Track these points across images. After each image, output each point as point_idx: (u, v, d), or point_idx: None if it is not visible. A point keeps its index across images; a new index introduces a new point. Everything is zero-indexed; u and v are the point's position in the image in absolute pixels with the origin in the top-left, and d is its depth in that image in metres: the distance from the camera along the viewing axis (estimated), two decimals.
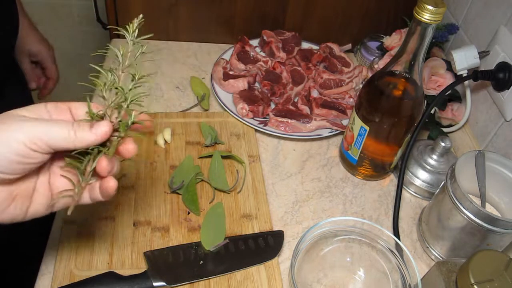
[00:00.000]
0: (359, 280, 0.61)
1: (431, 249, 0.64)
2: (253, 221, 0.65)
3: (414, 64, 0.61)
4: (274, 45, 0.91)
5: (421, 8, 0.55)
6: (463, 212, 0.57)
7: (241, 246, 0.61)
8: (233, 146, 0.75)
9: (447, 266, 0.52)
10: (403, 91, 0.66)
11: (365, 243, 0.62)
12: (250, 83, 0.84)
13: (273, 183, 0.72)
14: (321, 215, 0.69)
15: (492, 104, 0.76)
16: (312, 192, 0.72)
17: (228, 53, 0.91)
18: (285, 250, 0.63)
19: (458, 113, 0.82)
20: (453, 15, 0.90)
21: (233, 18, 0.94)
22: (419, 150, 0.74)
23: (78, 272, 0.56)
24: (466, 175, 0.61)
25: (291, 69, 0.89)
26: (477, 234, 0.57)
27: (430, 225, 0.64)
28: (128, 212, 0.63)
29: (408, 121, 0.66)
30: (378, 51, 0.92)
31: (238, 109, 0.79)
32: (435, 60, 0.81)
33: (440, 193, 0.62)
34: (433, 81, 0.81)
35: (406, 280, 0.57)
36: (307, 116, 0.80)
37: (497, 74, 0.72)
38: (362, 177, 0.75)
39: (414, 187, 0.73)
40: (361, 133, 0.69)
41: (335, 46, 0.94)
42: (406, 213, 0.71)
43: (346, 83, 0.87)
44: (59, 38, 1.67)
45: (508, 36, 0.72)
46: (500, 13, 0.75)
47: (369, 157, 0.71)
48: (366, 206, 0.71)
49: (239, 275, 0.58)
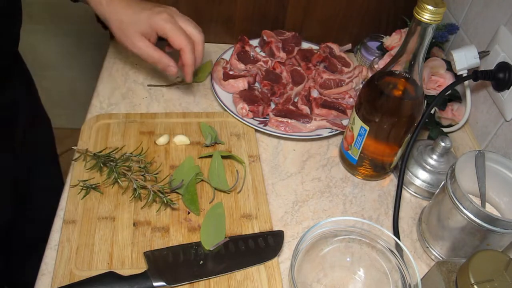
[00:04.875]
0: (359, 280, 0.61)
1: (431, 249, 0.64)
2: (253, 221, 0.65)
3: (414, 64, 0.61)
4: (274, 45, 0.91)
5: (421, 8, 0.56)
6: (463, 212, 0.57)
7: (241, 246, 0.61)
8: (233, 146, 0.75)
9: (447, 266, 0.52)
10: (403, 91, 0.66)
11: (365, 243, 0.62)
12: (250, 83, 0.84)
13: (273, 183, 0.72)
14: (321, 215, 0.69)
15: (492, 104, 0.76)
16: (312, 192, 0.72)
17: (228, 53, 0.91)
18: (285, 250, 0.63)
19: (458, 113, 0.82)
20: (453, 15, 0.90)
21: (233, 18, 0.94)
22: (419, 150, 0.74)
23: (78, 272, 0.56)
24: (466, 175, 0.61)
25: (291, 69, 0.89)
26: (477, 234, 0.57)
27: (430, 225, 0.64)
28: (128, 212, 0.63)
29: (408, 121, 0.66)
30: (378, 51, 0.92)
31: (238, 109, 0.79)
32: (435, 60, 0.81)
33: (440, 193, 0.62)
34: (433, 81, 0.81)
35: (406, 280, 0.57)
36: (307, 116, 0.80)
37: (497, 74, 0.72)
38: (362, 177, 0.75)
39: (414, 187, 0.73)
40: (361, 133, 0.69)
41: (335, 46, 0.94)
42: (406, 213, 0.71)
43: (346, 83, 0.87)
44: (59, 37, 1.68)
45: (508, 36, 0.72)
46: (500, 13, 0.75)
47: (369, 157, 0.71)
48: (366, 206, 0.71)
49: (239, 275, 0.58)
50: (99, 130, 0.74)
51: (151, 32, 0.71)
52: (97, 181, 0.66)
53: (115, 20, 0.71)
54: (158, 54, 0.73)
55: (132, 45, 0.72)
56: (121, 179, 0.65)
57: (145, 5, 0.73)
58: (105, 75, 0.87)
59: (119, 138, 0.73)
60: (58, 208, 0.64)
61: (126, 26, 0.71)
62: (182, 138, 0.73)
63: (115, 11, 0.71)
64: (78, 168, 0.68)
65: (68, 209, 0.62)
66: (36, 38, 1.66)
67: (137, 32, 0.71)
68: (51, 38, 1.68)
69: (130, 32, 0.71)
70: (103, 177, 0.67)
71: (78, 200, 0.64)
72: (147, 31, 0.71)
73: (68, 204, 0.63)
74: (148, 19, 0.70)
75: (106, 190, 0.65)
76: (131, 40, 0.72)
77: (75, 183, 0.65)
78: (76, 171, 0.67)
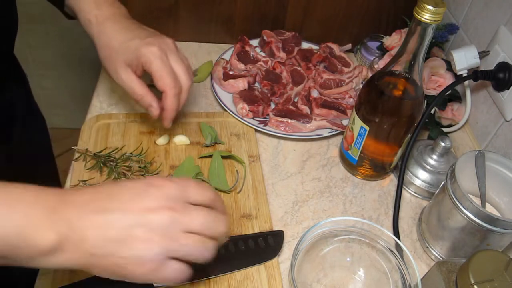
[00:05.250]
0: (359, 280, 0.61)
1: (431, 249, 0.64)
2: (253, 221, 0.65)
3: (414, 64, 0.61)
4: (274, 45, 0.91)
5: (421, 8, 0.56)
6: (463, 212, 0.57)
7: (241, 246, 0.61)
8: (233, 146, 0.75)
9: (447, 266, 0.52)
10: (403, 91, 0.66)
11: (365, 243, 0.62)
12: (250, 83, 0.84)
13: (273, 183, 0.72)
14: (321, 215, 0.69)
15: (492, 104, 0.76)
16: (312, 192, 0.72)
17: (228, 53, 0.91)
18: (285, 250, 0.63)
19: (458, 113, 0.82)
20: (453, 15, 0.90)
21: (233, 18, 0.94)
22: (419, 150, 0.74)
23: (78, 272, 0.56)
24: (466, 175, 0.61)
25: (291, 69, 0.89)
26: (477, 234, 0.57)
27: (430, 225, 0.64)
28: None
29: (408, 121, 0.66)
30: (378, 51, 0.92)
31: (238, 109, 0.79)
32: (435, 60, 0.81)
33: (440, 193, 0.62)
34: (433, 81, 0.81)
35: (406, 280, 0.57)
36: (307, 116, 0.80)
37: (497, 74, 0.72)
38: (362, 177, 0.75)
39: (414, 187, 0.73)
40: (361, 133, 0.69)
41: (335, 46, 0.94)
42: (406, 213, 0.71)
43: (346, 83, 0.87)
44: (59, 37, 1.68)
45: (508, 36, 0.72)
46: (500, 13, 0.75)
47: (369, 157, 0.71)
48: (366, 206, 0.71)
49: (239, 275, 0.58)
50: (99, 130, 0.74)
51: (137, 64, 0.63)
52: (97, 181, 0.66)
53: (103, 45, 0.64)
54: (141, 91, 0.64)
55: (115, 74, 0.64)
56: (121, 179, 0.65)
57: (139, 33, 0.64)
58: (105, 75, 0.87)
59: (119, 138, 0.73)
60: None
61: (112, 53, 0.63)
62: (182, 138, 0.73)
63: (104, 35, 0.64)
64: (78, 168, 0.68)
65: None
66: (36, 38, 1.66)
67: (123, 62, 0.63)
68: (51, 38, 1.68)
69: (115, 60, 0.63)
70: (103, 177, 0.67)
71: None
72: (133, 62, 0.63)
73: None
74: (136, 50, 0.62)
75: None
76: (115, 69, 0.63)
77: (75, 183, 0.65)
78: (76, 171, 0.67)
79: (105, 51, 0.64)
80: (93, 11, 0.65)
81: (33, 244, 0.40)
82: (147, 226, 0.43)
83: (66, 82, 1.83)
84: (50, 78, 1.79)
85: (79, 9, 0.66)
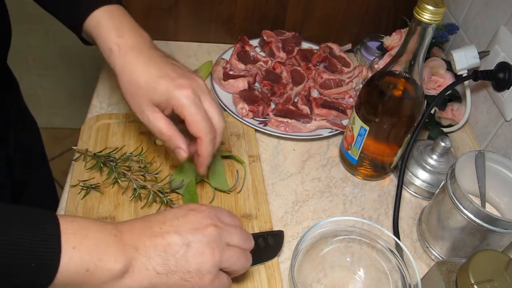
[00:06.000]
0: (359, 280, 0.61)
1: (431, 249, 0.64)
2: (253, 221, 0.65)
3: (414, 64, 0.61)
4: (274, 45, 0.91)
5: (421, 8, 0.56)
6: (463, 212, 0.57)
7: None
8: (233, 146, 0.75)
9: (447, 266, 0.52)
10: (403, 91, 0.66)
11: (365, 243, 0.62)
12: (250, 83, 0.84)
13: (273, 183, 0.72)
14: (321, 215, 0.69)
15: (492, 104, 0.76)
16: (312, 192, 0.72)
17: (228, 53, 0.91)
18: (285, 250, 0.63)
19: (458, 113, 0.82)
20: (453, 15, 0.90)
21: (233, 18, 0.94)
22: (419, 150, 0.74)
23: None
24: (466, 175, 0.61)
25: (291, 69, 0.89)
26: (477, 234, 0.57)
27: (430, 225, 0.64)
28: (128, 212, 0.63)
29: (408, 121, 0.66)
30: (378, 51, 0.92)
31: (238, 109, 0.79)
32: (435, 60, 0.81)
33: (440, 193, 0.62)
34: (433, 81, 0.81)
35: (406, 280, 0.57)
36: (307, 116, 0.80)
37: (497, 74, 0.72)
38: (362, 177, 0.75)
39: (414, 187, 0.73)
40: (361, 133, 0.69)
41: (335, 46, 0.94)
42: (406, 213, 0.71)
43: (346, 83, 0.87)
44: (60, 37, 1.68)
45: (508, 36, 0.72)
46: (500, 13, 0.75)
47: (369, 157, 0.71)
48: (366, 206, 0.71)
49: (239, 275, 0.58)
50: (99, 130, 0.74)
51: (166, 105, 0.58)
52: (97, 181, 0.66)
53: (127, 80, 0.58)
54: (169, 132, 0.58)
55: (141, 114, 0.58)
56: (121, 179, 0.65)
57: (167, 69, 0.58)
58: (105, 75, 0.87)
59: (119, 138, 0.73)
60: (58, 208, 0.64)
61: (139, 92, 0.58)
62: None
63: (129, 68, 0.58)
64: (78, 168, 0.68)
65: (68, 209, 0.62)
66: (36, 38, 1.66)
67: (150, 101, 0.57)
68: (50, 38, 1.68)
69: (141, 99, 0.58)
70: (103, 177, 0.67)
71: (78, 200, 0.63)
72: (163, 104, 0.58)
73: (68, 204, 0.63)
74: (166, 91, 0.56)
75: (106, 190, 0.65)
76: (140, 108, 0.58)
77: (75, 183, 0.65)
78: (76, 171, 0.67)
79: (130, 88, 0.58)
80: (114, 39, 0.59)
81: (107, 267, 0.43)
82: (200, 241, 0.48)
83: (66, 82, 1.83)
84: (50, 78, 1.79)
85: (98, 35, 0.60)
